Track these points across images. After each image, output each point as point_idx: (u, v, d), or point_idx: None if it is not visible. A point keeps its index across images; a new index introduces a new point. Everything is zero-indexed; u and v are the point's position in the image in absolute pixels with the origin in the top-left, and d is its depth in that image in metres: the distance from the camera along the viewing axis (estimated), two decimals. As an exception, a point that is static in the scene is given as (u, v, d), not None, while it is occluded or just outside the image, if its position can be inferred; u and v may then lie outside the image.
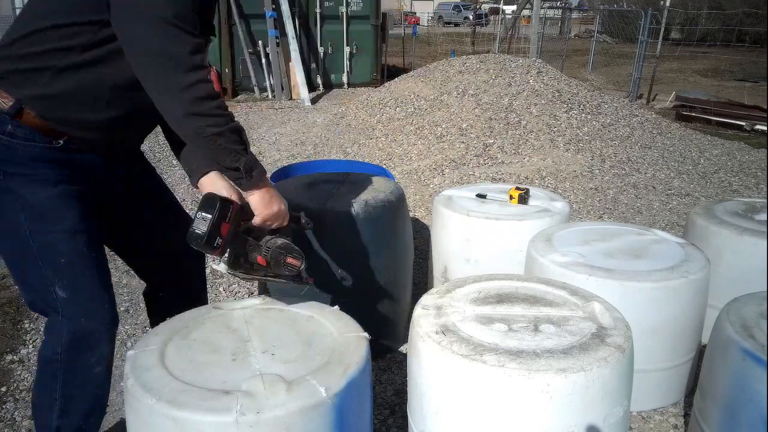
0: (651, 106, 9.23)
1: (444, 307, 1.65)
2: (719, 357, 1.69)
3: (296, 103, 9.26)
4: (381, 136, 6.10)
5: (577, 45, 17.52)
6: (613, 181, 5.02)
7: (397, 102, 6.67)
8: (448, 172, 5.13)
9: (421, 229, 4.03)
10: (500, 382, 1.36)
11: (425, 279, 3.22)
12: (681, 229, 3.83)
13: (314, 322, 1.58)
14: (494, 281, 1.83)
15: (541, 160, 5.29)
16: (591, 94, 6.60)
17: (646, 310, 2.03)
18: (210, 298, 3.11)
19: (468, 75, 6.68)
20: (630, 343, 1.48)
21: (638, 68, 10.23)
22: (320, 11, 10.20)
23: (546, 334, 1.51)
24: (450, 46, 16.91)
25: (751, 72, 13.96)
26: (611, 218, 4.32)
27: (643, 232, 2.45)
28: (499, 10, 18.06)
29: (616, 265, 2.11)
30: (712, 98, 9.13)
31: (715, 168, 5.49)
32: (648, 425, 2.18)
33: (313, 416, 1.25)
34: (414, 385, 1.59)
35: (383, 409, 2.25)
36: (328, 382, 1.30)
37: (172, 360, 1.39)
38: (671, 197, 4.75)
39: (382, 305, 2.47)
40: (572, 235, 2.40)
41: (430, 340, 1.49)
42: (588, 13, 25.81)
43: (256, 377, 1.31)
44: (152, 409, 1.24)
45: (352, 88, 10.70)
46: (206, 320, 1.59)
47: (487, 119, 5.84)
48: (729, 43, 17.16)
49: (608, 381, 1.39)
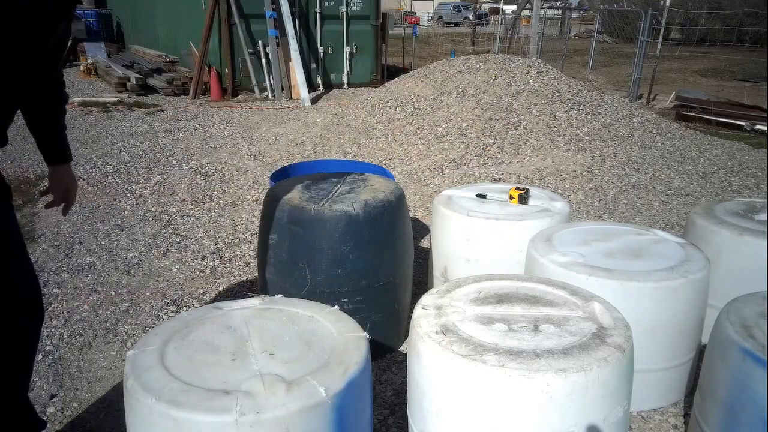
0: (651, 106, 9.23)
1: (444, 307, 1.65)
2: (719, 357, 1.69)
3: (296, 103, 9.27)
4: (381, 136, 6.10)
5: (577, 45, 17.53)
6: (613, 181, 5.02)
7: (397, 102, 6.67)
8: (448, 172, 5.14)
9: (421, 229, 4.03)
10: (500, 382, 1.36)
11: (425, 279, 3.22)
12: (681, 229, 3.83)
13: (314, 322, 1.58)
14: (494, 281, 1.83)
15: (541, 160, 5.29)
16: (591, 94, 6.60)
17: (646, 310, 2.03)
18: (210, 298, 3.11)
19: (468, 75, 6.68)
20: (630, 343, 1.48)
21: (638, 68, 10.23)
22: (320, 11, 10.21)
23: (546, 334, 1.51)
24: (450, 46, 16.92)
25: (751, 72, 13.97)
26: (611, 218, 4.32)
27: (643, 232, 2.45)
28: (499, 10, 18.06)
29: (616, 265, 2.11)
30: (712, 98, 9.13)
31: (715, 168, 5.49)
32: (648, 425, 2.18)
33: (313, 416, 1.25)
34: (414, 385, 1.59)
35: (383, 409, 2.25)
36: (328, 382, 1.30)
37: (172, 360, 1.39)
38: (671, 197, 4.75)
39: (382, 305, 2.47)
40: (572, 235, 2.40)
41: (430, 340, 1.49)
42: (588, 13, 25.82)
43: (256, 377, 1.31)
44: (152, 409, 1.24)
45: (352, 88, 10.70)
46: (206, 320, 1.59)
47: (487, 119, 5.84)
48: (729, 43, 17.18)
49: (608, 381, 1.39)
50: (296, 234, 2.31)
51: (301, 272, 2.31)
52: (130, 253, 3.64)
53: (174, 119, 7.68)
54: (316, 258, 2.31)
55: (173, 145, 6.33)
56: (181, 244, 3.79)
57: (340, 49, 10.58)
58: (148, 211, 4.39)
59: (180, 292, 3.17)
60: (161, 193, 4.82)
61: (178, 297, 3.11)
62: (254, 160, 5.84)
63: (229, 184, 5.05)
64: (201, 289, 3.20)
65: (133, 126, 7.33)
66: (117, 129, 7.14)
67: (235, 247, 3.76)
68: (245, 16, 9.56)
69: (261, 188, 4.92)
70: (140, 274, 3.39)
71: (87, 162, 5.52)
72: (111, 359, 2.58)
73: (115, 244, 3.77)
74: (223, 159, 5.81)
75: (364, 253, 2.33)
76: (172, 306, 3.02)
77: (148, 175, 5.26)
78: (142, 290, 3.19)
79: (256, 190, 4.87)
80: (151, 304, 3.03)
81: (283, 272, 2.39)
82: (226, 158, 5.83)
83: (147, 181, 5.09)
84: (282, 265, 2.39)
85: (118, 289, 3.18)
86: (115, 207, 4.45)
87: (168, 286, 3.24)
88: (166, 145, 6.31)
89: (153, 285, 3.26)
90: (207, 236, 3.93)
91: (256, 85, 9.79)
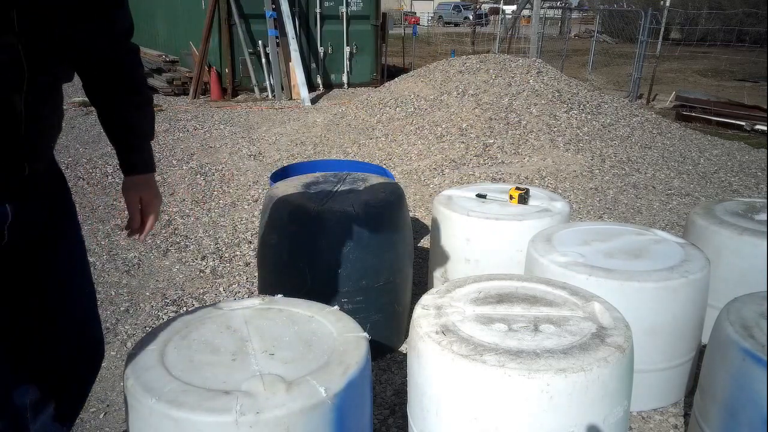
0: (651, 106, 9.23)
1: (444, 307, 1.65)
2: (719, 357, 1.69)
3: (296, 103, 9.26)
4: (381, 136, 6.10)
5: (577, 45, 17.52)
6: (613, 181, 5.02)
7: (397, 102, 6.67)
8: (448, 172, 5.13)
9: (421, 229, 4.03)
10: (500, 382, 1.36)
11: (425, 279, 3.22)
12: (681, 229, 3.83)
13: (314, 322, 1.58)
14: (494, 281, 1.83)
15: (541, 160, 5.29)
16: (591, 94, 6.60)
17: (646, 310, 2.03)
18: (210, 298, 3.11)
19: (468, 75, 6.68)
20: (630, 343, 1.48)
21: (638, 68, 10.23)
22: (320, 11, 10.20)
23: (546, 334, 1.51)
24: (450, 46, 16.92)
25: (751, 72, 13.96)
26: (611, 218, 4.32)
27: (643, 232, 2.45)
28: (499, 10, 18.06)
29: (616, 265, 2.11)
30: (712, 98, 9.13)
31: (715, 168, 5.49)
32: (648, 425, 2.18)
33: (313, 416, 1.25)
34: (414, 385, 1.59)
35: (383, 409, 2.24)
36: (328, 382, 1.29)
37: (172, 360, 1.39)
38: (671, 197, 4.75)
39: (382, 305, 2.47)
40: (572, 235, 2.40)
41: (430, 340, 1.49)
42: (588, 13, 25.83)
43: (256, 377, 1.31)
44: (152, 409, 1.24)
45: (352, 88, 10.70)
46: (206, 320, 1.59)
47: (487, 119, 5.84)
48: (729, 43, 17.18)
49: (608, 381, 1.39)
50: (296, 234, 2.31)
51: (301, 272, 2.31)
52: (130, 253, 3.64)
53: (174, 119, 7.68)
54: (316, 258, 2.31)
55: (173, 145, 6.33)
56: (181, 244, 3.79)
57: (340, 49, 10.58)
58: (148, 211, 4.38)
59: (180, 292, 3.17)
60: (161, 193, 4.81)
61: (178, 297, 3.11)
62: (254, 160, 5.83)
63: (229, 184, 5.05)
64: (201, 289, 3.20)
65: (133, 126, 7.31)
66: (117, 129, 7.13)
67: (235, 247, 3.76)
68: (245, 16, 9.56)
69: (261, 188, 4.92)
70: (140, 274, 3.39)
71: (87, 162, 5.51)
72: (111, 359, 2.58)
73: (115, 244, 3.77)
74: (223, 159, 5.80)
75: (364, 253, 2.33)
76: (172, 306, 3.02)
77: (148, 175, 5.25)
78: (142, 290, 3.19)
79: (256, 190, 4.87)
80: (151, 304, 3.03)
81: (283, 272, 2.39)
82: (226, 158, 5.83)
83: (147, 181, 5.08)
84: (282, 265, 2.39)
85: (118, 289, 3.18)
86: (115, 207, 4.45)
87: (168, 286, 3.24)
88: (166, 145, 6.31)
89: (153, 285, 3.26)
90: (207, 236, 3.93)
91: (256, 85, 9.79)
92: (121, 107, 1.46)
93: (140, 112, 1.49)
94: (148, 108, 1.52)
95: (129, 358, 1.41)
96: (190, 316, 1.61)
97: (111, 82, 1.43)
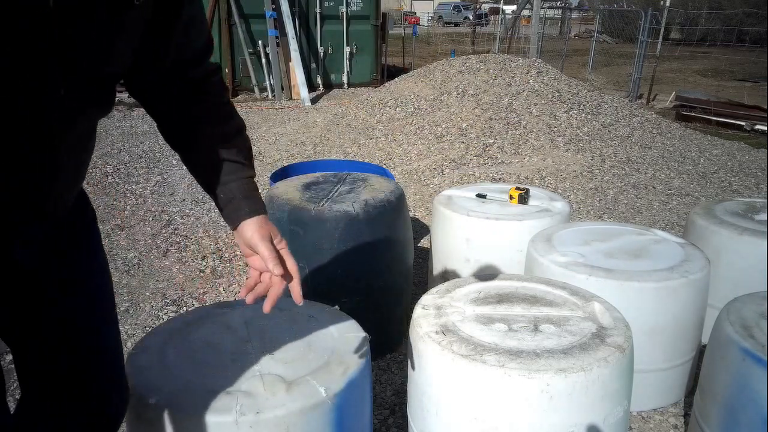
0: (651, 106, 9.23)
1: (444, 307, 1.65)
2: (719, 357, 1.69)
3: (296, 103, 9.26)
4: (381, 136, 6.10)
5: (577, 45, 17.52)
6: (613, 181, 5.02)
7: (397, 102, 6.67)
8: (448, 172, 5.13)
9: (421, 229, 4.03)
10: (500, 382, 1.36)
11: (425, 279, 3.22)
12: (681, 229, 3.83)
13: (314, 322, 1.58)
14: (494, 281, 1.83)
15: (541, 160, 5.29)
16: (591, 94, 6.60)
17: (646, 310, 2.03)
18: (210, 298, 3.11)
19: (468, 75, 6.68)
20: (630, 343, 1.48)
21: (638, 68, 10.23)
22: (320, 11, 10.20)
23: (546, 334, 1.51)
24: (450, 46, 16.92)
25: (751, 72, 13.96)
26: (611, 218, 4.32)
27: (643, 232, 2.45)
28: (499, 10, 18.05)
29: (616, 265, 2.11)
30: (712, 98, 9.13)
31: (715, 168, 5.49)
32: (648, 425, 2.18)
33: (313, 416, 1.25)
34: (414, 385, 1.59)
35: (383, 409, 2.24)
36: (328, 382, 1.29)
37: (172, 360, 1.39)
38: (671, 197, 4.75)
39: (382, 305, 2.47)
40: (572, 235, 2.40)
41: (430, 340, 1.49)
42: (588, 13, 25.82)
43: (256, 377, 1.31)
44: (152, 409, 1.24)
45: (352, 88, 10.70)
46: (206, 320, 1.59)
47: (487, 119, 5.84)
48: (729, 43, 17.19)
49: (608, 381, 1.39)
50: (296, 234, 2.31)
51: (301, 272, 2.31)
52: (130, 253, 3.64)
53: (174, 119, 7.68)
54: (316, 258, 2.31)
55: (173, 145, 6.33)
56: (181, 244, 3.79)
57: (340, 49, 10.58)
58: (148, 211, 4.39)
59: (180, 292, 3.17)
60: (161, 193, 4.82)
61: (178, 297, 3.11)
62: (254, 160, 5.83)
63: (229, 184, 5.04)
64: (201, 289, 3.21)
65: (133, 126, 7.33)
66: (117, 129, 7.14)
67: (235, 247, 3.76)
68: (245, 16, 9.56)
69: (261, 188, 4.91)
70: (140, 274, 3.39)
71: (87, 162, 5.51)
72: (111, 359, 2.58)
73: (115, 244, 3.77)
74: (223, 159, 5.80)
75: (364, 253, 2.33)
76: (172, 306, 3.02)
77: (148, 175, 5.26)
78: (142, 290, 3.19)
79: (256, 190, 4.86)
80: (151, 304, 3.03)
81: (283, 272, 2.39)
82: (226, 158, 5.82)
83: (147, 181, 5.09)
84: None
85: (118, 289, 3.18)
86: (115, 207, 4.45)
87: (168, 286, 3.24)
88: (166, 145, 6.29)
89: (153, 285, 3.26)
90: (207, 236, 3.93)
91: (256, 85, 9.79)
92: (224, 141, 1.20)
93: (242, 137, 1.26)
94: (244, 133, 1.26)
95: (129, 358, 1.41)
96: (190, 316, 1.61)
97: (203, 112, 1.17)
